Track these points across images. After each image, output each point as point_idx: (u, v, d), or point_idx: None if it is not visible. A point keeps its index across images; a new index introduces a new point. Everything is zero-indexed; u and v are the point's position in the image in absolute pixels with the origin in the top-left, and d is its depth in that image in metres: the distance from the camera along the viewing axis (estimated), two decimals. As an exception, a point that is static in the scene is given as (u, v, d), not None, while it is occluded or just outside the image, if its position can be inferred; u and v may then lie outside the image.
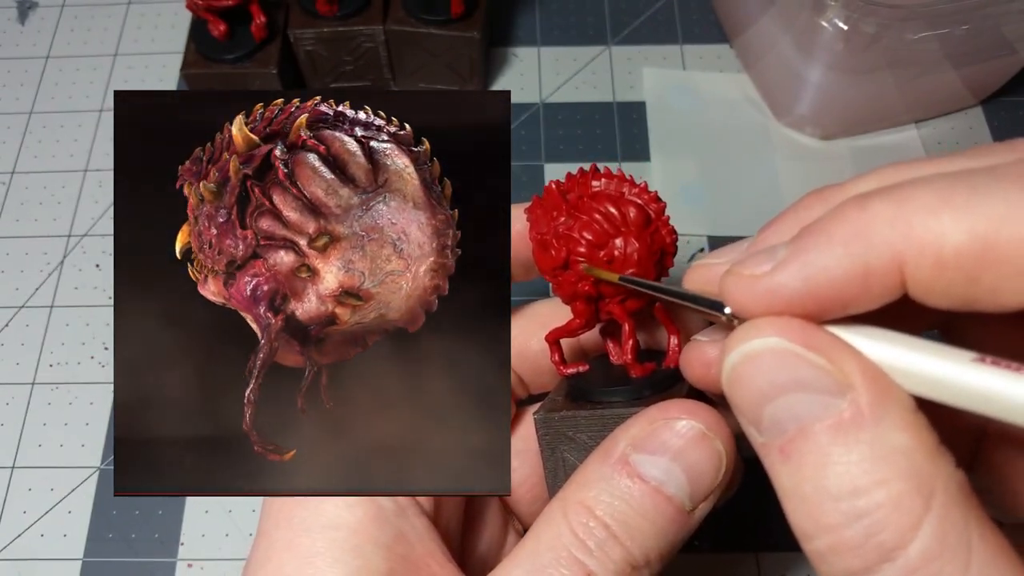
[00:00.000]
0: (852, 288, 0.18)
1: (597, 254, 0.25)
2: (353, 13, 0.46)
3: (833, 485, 0.17)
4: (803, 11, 0.41)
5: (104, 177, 0.48)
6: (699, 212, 0.46)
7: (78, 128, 0.50)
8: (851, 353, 0.19)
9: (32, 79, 0.52)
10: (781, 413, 0.18)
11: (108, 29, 0.54)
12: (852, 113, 0.47)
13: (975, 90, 0.48)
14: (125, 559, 0.38)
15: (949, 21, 0.40)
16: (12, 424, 0.41)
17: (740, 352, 0.19)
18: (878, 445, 0.17)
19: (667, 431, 0.23)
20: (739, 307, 0.20)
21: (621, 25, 0.53)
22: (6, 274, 0.45)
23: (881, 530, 0.17)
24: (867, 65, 0.42)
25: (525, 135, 0.49)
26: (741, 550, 0.38)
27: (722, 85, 0.51)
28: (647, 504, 0.22)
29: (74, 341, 0.43)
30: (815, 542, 0.18)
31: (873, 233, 0.18)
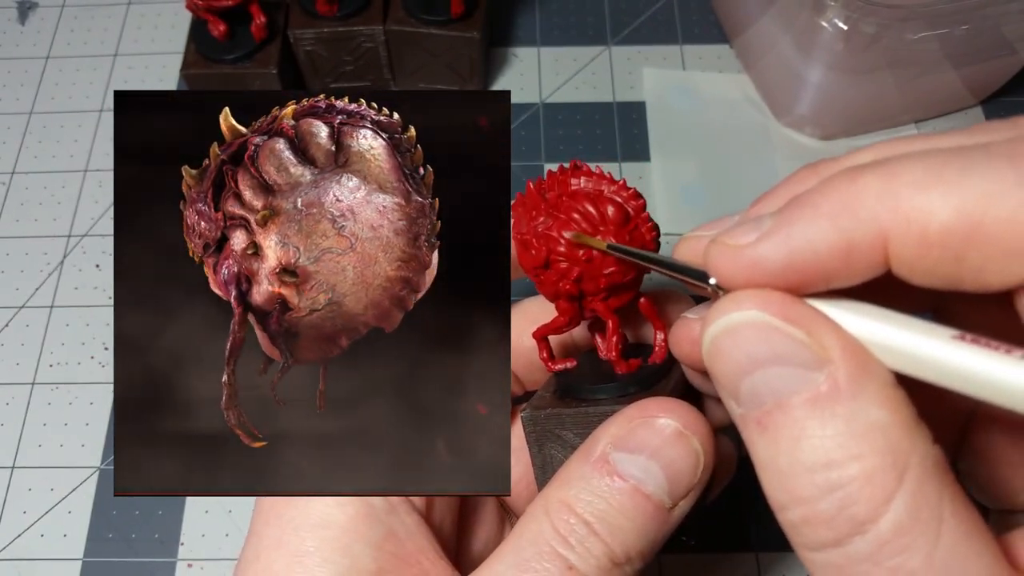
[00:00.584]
0: (835, 262, 0.18)
1: (576, 253, 0.25)
2: (353, 13, 0.46)
3: (808, 458, 0.17)
4: (803, 11, 0.41)
5: (104, 177, 0.48)
6: (699, 212, 0.46)
7: (78, 128, 0.50)
8: (831, 327, 0.18)
9: (32, 79, 0.52)
10: (759, 386, 0.18)
11: (108, 29, 0.54)
12: (852, 113, 0.47)
13: (975, 90, 0.48)
14: (125, 559, 0.38)
15: (949, 21, 0.40)
16: (12, 424, 0.41)
17: (720, 325, 0.19)
18: (854, 420, 0.17)
19: (645, 429, 0.23)
20: (723, 277, 0.20)
21: (621, 25, 0.53)
22: (6, 274, 0.45)
23: (853, 503, 0.17)
24: (867, 65, 0.42)
25: (525, 135, 0.49)
26: (741, 550, 0.38)
27: (722, 85, 0.51)
28: (627, 502, 0.22)
29: (74, 341, 0.43)
30: (788, 513, 0.18)
31: (860, 207, 0.18)
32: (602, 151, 0.49)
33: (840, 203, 0.18)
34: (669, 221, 0.46)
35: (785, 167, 0.48)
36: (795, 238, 0.18)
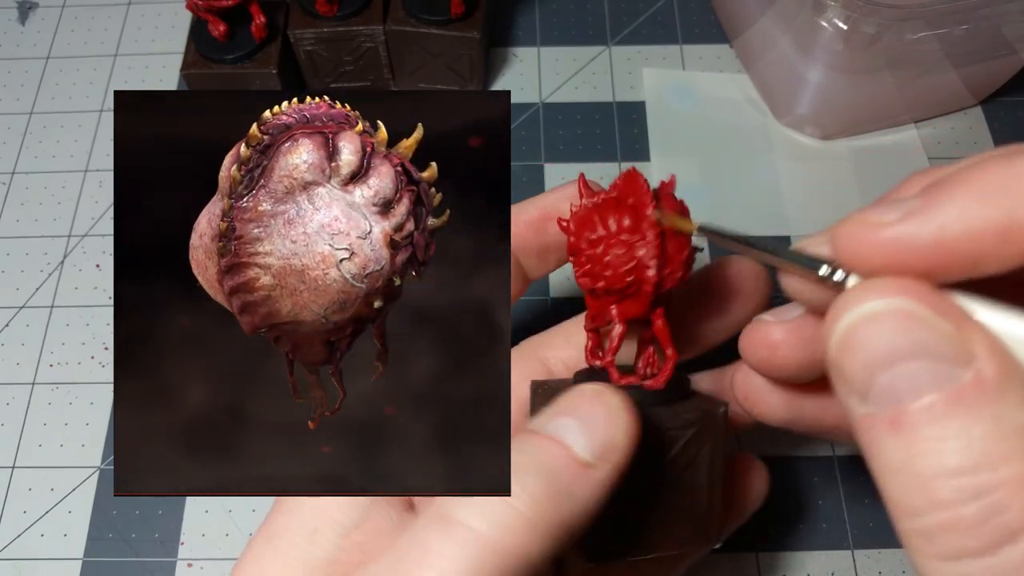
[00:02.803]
0: (990, 243, 0.17)
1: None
2: (353, 13, 0.46)
3: (951, 460, 0.16)
4: (803, 11, 0.41)
5: (104, 177, 0.48)
6: (699, 212, 0.46)
7: (78, 128, 0.50)
8: (973, 321, 0.17)
9: (32, 79, 0.52)
10: (898, 381, 0.17)
11: (108, 29, 0.54)
12: (852, 113, 0.47)
13: (975, 90, 0.48)
14: (125, 559, 0.38)
15: (949, 21, 0.40)
16: (12, 424, 0.41)
17: (857, 313, 0.18)
18: (1002, 420, 0.16)
19: (570, 395, 0.23)
20: (854, 258, 0.18)
21: (621, 25, 0.53)
22: (6, 274, 0.45)
23: (1004, 509, 0.16)
24: (867, 65, 0.42)
25: (525, 135, 0.49)
26: (741, 550, 0.38)
27: (722, 85, 0.51)
28: (544, 449, 0.22)
29: (74, 341, 0.43)
30: (923, 519, 0.17)
31: (1021, 185, 0.17)
32: (602, 151, 0.49)
33: (996, 181, 0.17)
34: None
35: (785, 167, 0.48)
36: (948, 215, 0.17)
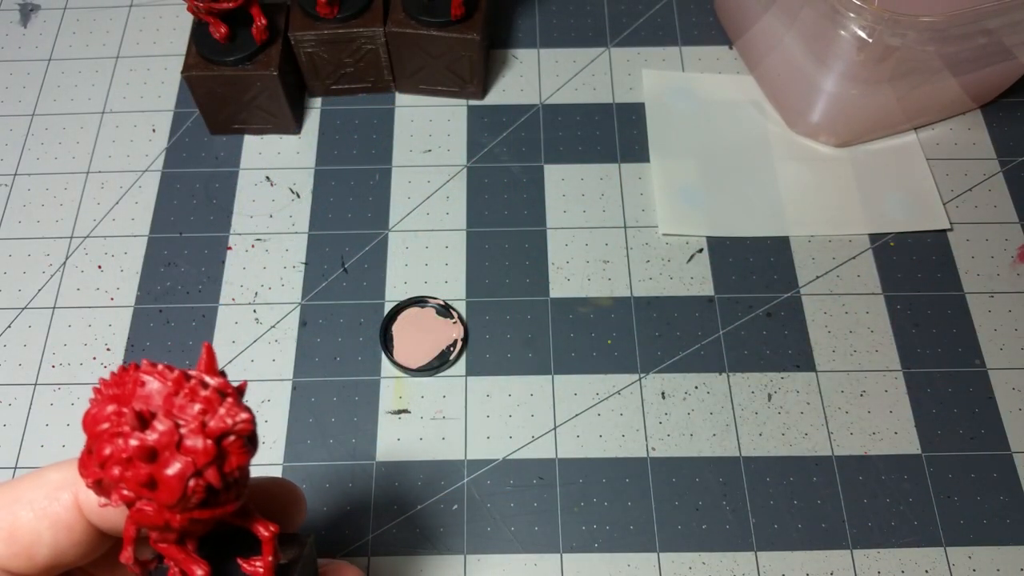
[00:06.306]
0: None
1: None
2: (353, 15, 0.46)
3: None
4: (819, 20, 0.41)
5: (106, 179, 0.49)
6: (698, 213, 0.46)
7: (80, 130, 0.50)
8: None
9: (34, 81, 0.52)
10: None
11: (110, 32, 0.54)
12: (864, 121, 0.47)
13: (975, 95, 0.48)
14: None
15: (965, 31, 0.40)
16: (15, 425, 0.42)
17: None
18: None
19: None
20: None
21: (620, 27, 0.53)
22: (9, 275, 0.46)
23: None
24: (883, 74, 0.42)
25: (525, 136, 0.49)
26: (741, 550, 0.38)
27: (721, 86, 0.51)
28: None
29: (76, 342, 0.44)
30: None
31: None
32: (601, 152, 0.49)
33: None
34: (668, 222, 0.46)
35: (784, 167, 0.48)
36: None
